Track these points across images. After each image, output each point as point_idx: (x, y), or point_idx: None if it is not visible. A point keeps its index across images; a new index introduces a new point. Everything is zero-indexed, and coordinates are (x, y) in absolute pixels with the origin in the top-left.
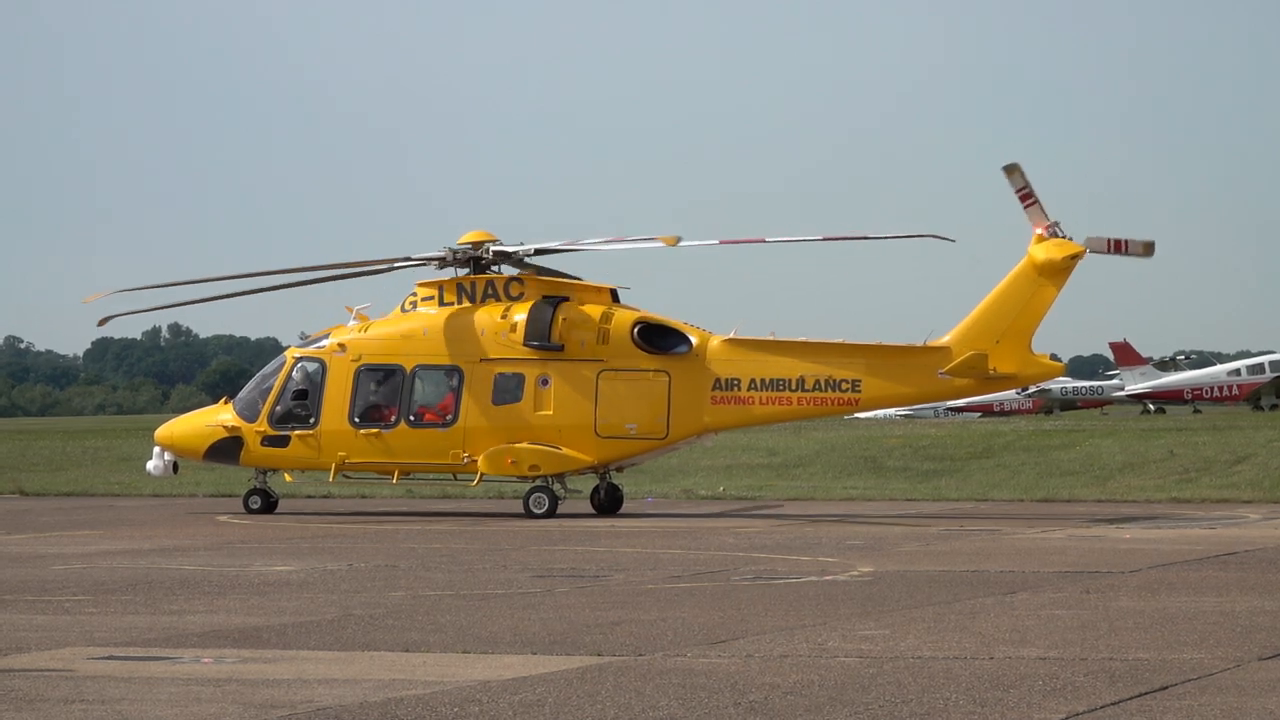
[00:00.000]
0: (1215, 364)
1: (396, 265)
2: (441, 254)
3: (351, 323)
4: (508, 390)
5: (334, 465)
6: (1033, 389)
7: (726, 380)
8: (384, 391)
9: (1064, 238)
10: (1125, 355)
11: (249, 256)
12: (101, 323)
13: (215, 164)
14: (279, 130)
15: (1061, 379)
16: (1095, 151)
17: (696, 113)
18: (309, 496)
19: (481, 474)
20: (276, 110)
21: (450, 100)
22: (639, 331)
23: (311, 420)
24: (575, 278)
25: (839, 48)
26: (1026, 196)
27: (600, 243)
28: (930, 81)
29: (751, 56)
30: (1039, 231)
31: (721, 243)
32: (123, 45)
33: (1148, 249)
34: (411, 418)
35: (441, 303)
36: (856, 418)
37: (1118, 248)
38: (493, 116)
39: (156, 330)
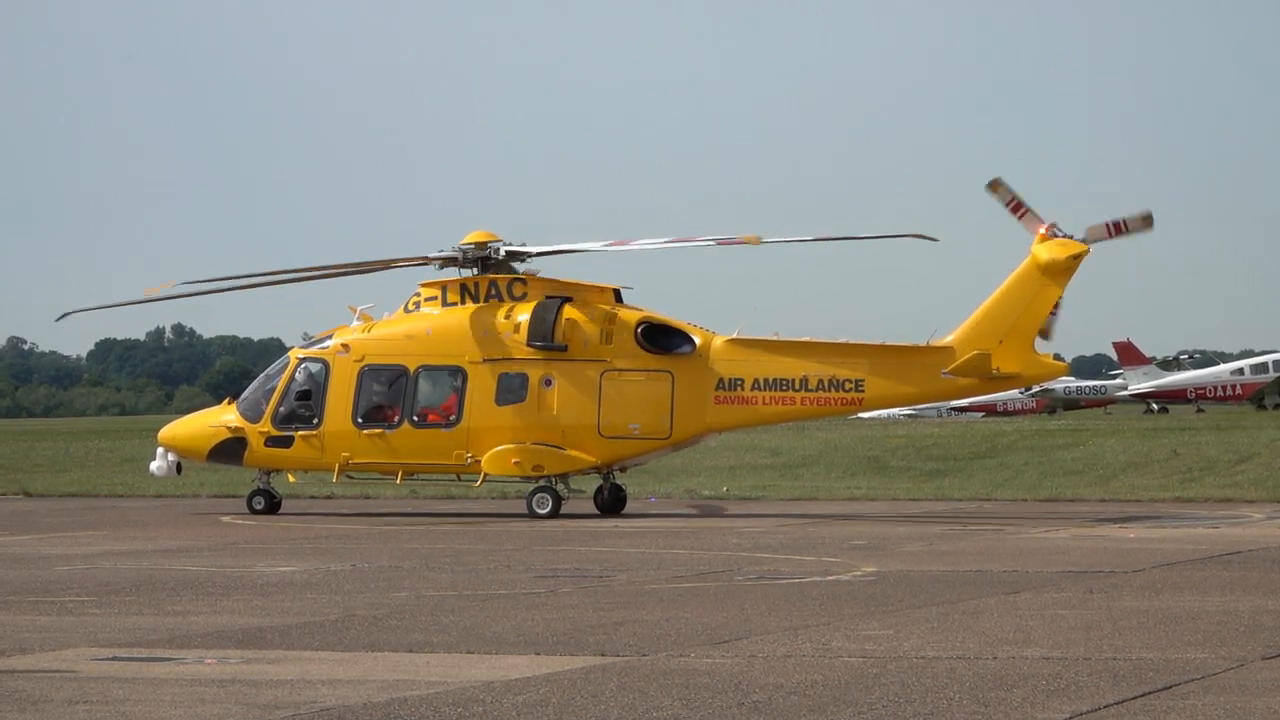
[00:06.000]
0: (1218, 363)
1: (398, 264)
2: (447, 254)
3: (355, 323)
4: (511, 390)
5: (337, 466)
6: (1036, 389)
7: (730, 380)
8: (387, 392)
9: (1065, 236)
10: (1128, 355)
11: (249, 256)
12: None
13: (215, 164)
14: (279, 130)
15: (1065, 379)
16: (1096, 151)
17: (696, 113)
18: (312, 497)
19: (485, 474)
20: (277, 110)
21: (451, 100)
22: (642, 331)
23: (315, 421)
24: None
25: (839, 47)
26: (1017, 207)
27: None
28: (931, 81)
29: (751, 56)
30: (1041, 231)
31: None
32: (123, 46)
33: (1146, 221)
34: (415, 418)
35: (445, 303)
36: (860, 417)
37: (1117, 229)
38: (495, 116)
39: (160, 331)
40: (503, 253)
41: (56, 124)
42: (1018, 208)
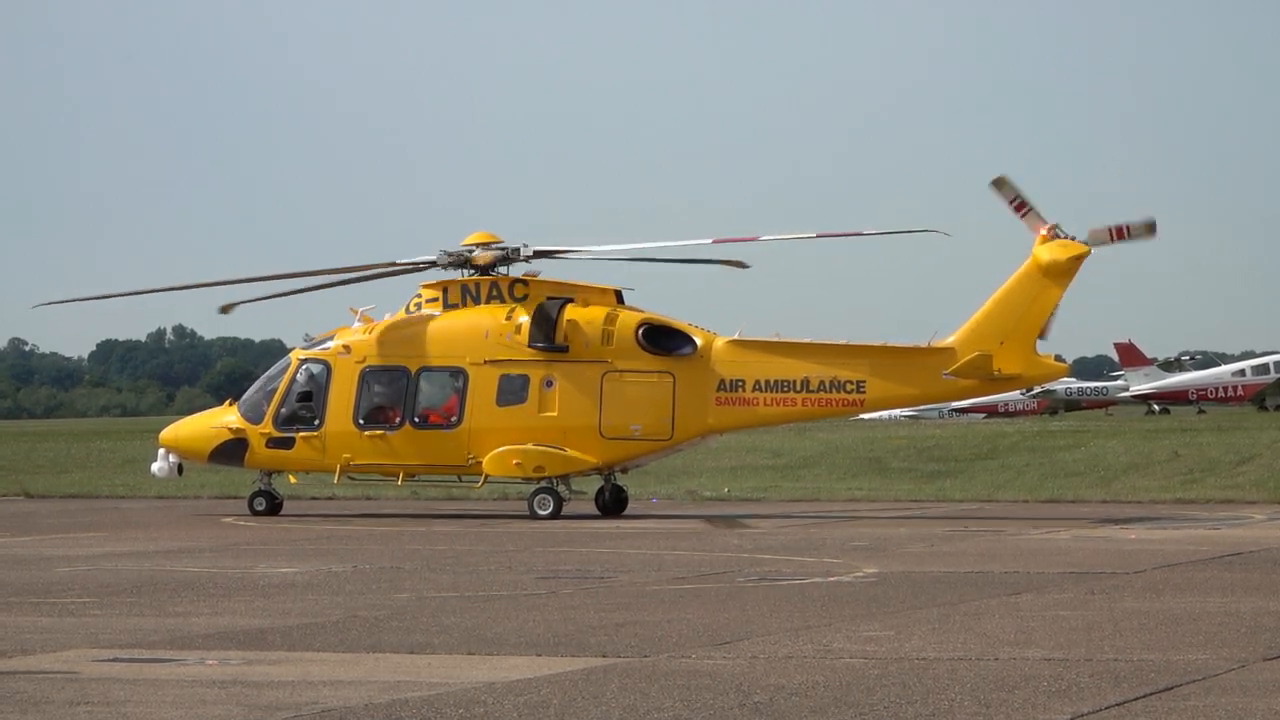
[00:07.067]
0: (1220, 364)
1: (399, 268)
2: (445, 256)
3: (356, 324)
4: (512, 391)
5: (339, 467)
6: (1037, 390)
7: (731, 381)
8: (389, 393)
9: (1066, 238)
10: (1130, 356)
11: (249, 256)
12: (225, 309)
13: (215, 164)
14: (279, 130)
15: (1066, 380)
16: (1096, 151)
17: (696, 113)
18: (314, 498)
19: (486, 475)
20: (277, 110)
21: (451, 100)
22: (643, 333)
23: (316, 422)
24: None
25: (839, 47)
26: (1020, 206)
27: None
28: (931, 81)
29: (751, 56)
30: (1042, 232)
31: (715, 241)
32: (123, 46)
33: (1149, 229)
34: (416, 419)
35: (446, 304)
36: (861, 419)
37: (1120, 234)
38: (495, 116)
39: (161, 332)
40: (524, 253)
41: (56, 124)
42: (1020, 206)
